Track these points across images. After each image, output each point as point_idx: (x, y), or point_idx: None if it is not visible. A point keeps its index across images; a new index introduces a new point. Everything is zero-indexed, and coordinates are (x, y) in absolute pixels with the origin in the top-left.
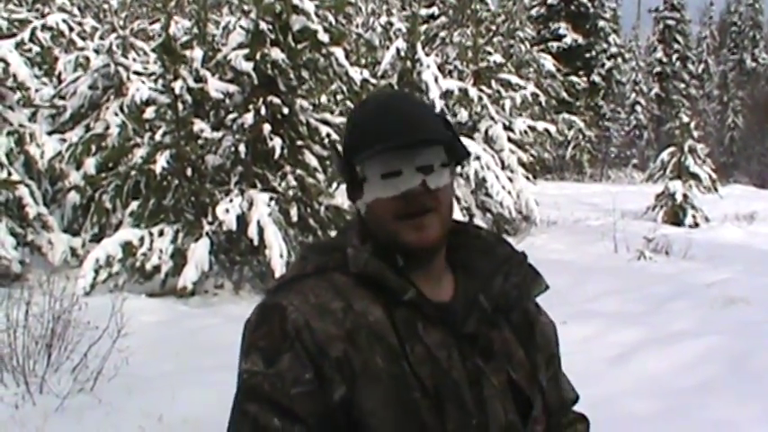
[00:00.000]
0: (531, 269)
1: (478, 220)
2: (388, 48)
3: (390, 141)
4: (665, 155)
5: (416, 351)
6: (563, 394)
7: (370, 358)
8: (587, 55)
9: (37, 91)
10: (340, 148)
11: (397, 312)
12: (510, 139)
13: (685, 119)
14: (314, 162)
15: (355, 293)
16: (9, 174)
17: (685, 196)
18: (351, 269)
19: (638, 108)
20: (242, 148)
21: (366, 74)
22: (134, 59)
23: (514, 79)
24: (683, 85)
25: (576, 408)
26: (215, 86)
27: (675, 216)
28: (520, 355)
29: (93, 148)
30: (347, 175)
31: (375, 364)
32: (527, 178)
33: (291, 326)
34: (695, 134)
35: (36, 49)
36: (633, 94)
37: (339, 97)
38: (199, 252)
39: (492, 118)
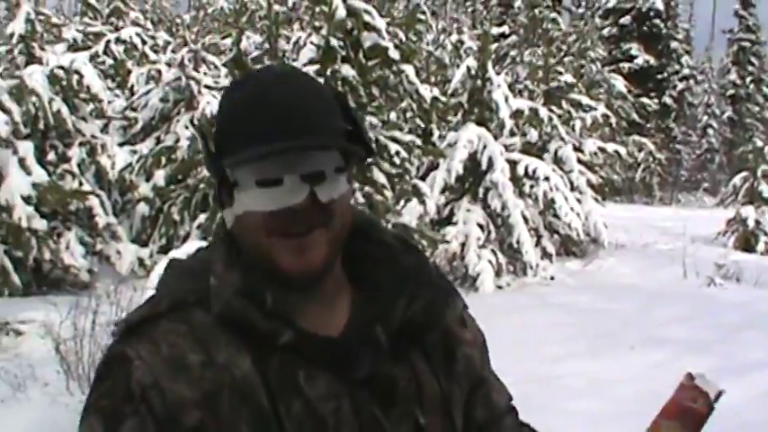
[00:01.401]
0: (443, 285)
1: (546, 242)
2: (458, 66)
3: (269, 143)
4: (737, 179)
5: (294, 410)
6: (494, 408)
7: (232, 426)
8: (659, 76)
9: (109, 103)
10: (206, 133)
11: (270, 361)
12: (579, 161)
13: (759, 143)
14: (382, 179)
15: (217, 340)
16: (80, 184)
17: (758, 222)
18: (212, 307)
19: (710, 131)
20: None
21: (436, 92)
22: (205, 73)
23: (585, 100)
24: (756, 108)
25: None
26: None
27: (747, 242)
28: (433, 390)
29: (163, 160)
30: (215, 173)
31: None
32: (596, 200)
33: (136, 385)
34: None
35: (109, 61)
36: (705, 117)
37: (409, 115)
38: None
39: (562, 138)
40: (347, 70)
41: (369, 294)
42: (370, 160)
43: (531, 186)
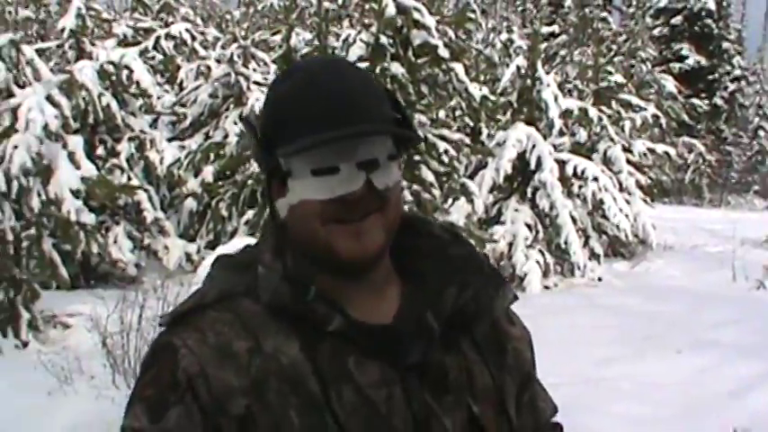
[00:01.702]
0: (494, 275)
1: (594, 243)
2: (507, 65)
3: (324, 131)
4: None
5: (345, 396)
6: (539, 415)
7: (281, 414)
8: (710, 77)
9: (159, 98)
10: (256, 125)
11: (320, 348)
12: (629, 161)
13: None
14: (430, 177)
15: (266, 328)
16: (129, 178)
17: None
18: (260, 296)
19: (762, 133)
20: None
21: (485, 90)
22: (254, 69)
23: (635, 100)
24: None
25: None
26: None
27: None
28: (484, 382)
29: (212, 155)
30: (265, 165)
31: (288, 421)
32: (645, 201)
33: (183, 373)
34: None
35: (159, 57)
36: (756, 119)
37: (458, 113)
38: None
39: (611, 139)
40: (396, 68)
41: (418, 285)
42: (418, 158)
43: (580, 187)
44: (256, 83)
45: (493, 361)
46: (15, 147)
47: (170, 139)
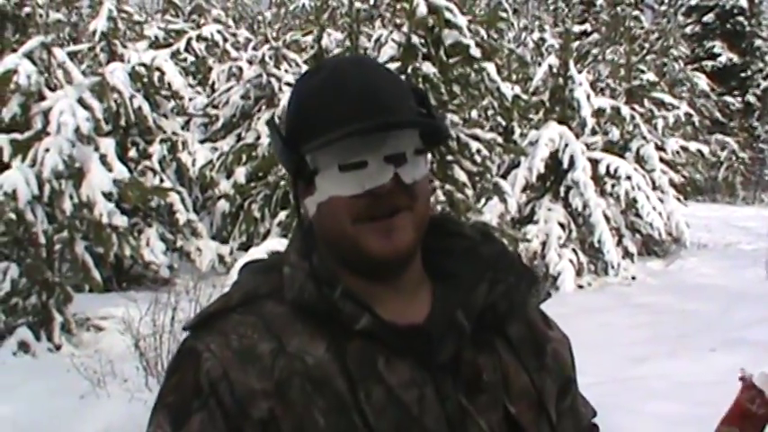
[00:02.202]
0: (526, 272)
1: (628, 241)
2: (539, 64)
3: (350, 125)
4: None
5: (375, 396)
6: (580, 420)
7: (305, 415)
8: (742, 75)
9: (191, 100)
10: (280, 124)
11: (348, 347)
12: (662, 159)
13: None
14: (463, 177)
15: (291, 328)
16: (161, 180)
17: None
18: (285, 296)
19: None
20: None
21: (518, 89)
22: (286, 71)
23: (668, 98)
24: None
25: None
26: None
27: None
28: (522, 382)
29: (244, 157)
30: (291, 164)
31: (312, 422)
32: (678, 200)
33: (206, 378)
34: None
35: (191, 58)
36: None
37: (490, 113)
38: None
39: (644, 137)
40: (428, 68)
41: (450, 285)
42: (451, 158)
43: (613, 185)
44: (288, 84)
45: (531, 362)
46: (47, 150)
47: (202, 141)
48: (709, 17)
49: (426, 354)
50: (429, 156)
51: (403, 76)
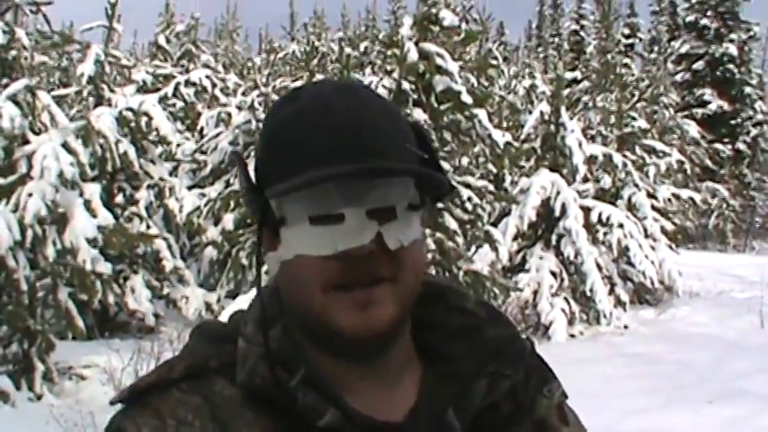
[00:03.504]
0: (539, 368)
1: (619, 290)
2: (530, 111)
3: (326, 167)
4: None
5: None
6: None
7: None
8: (732, 122)
9: (179, 145)
10: (250, 163)
11: None
12: (653, 207)
13: None
14: (453, 225)
15: (241, 418)
16: (148, 227)
17: None
18: (237, 376)
19: None
20: None
21: (509, 137)
22: None
23: (659, 146)
24: None
25: None
26: None
27: None
28: None
29: (232, 203)
30: (255, 209)
31: None
32: (670, 247)
33: None
34: None
35: (180, 104)
36: None
37: (481, 160)
38: None
39: (636, 185)
40: (419, 114)
41: (443, 373)
42: (441, 206)
43: (605, 233)
44: None
45: None
46: (30, 194)
47: (190, 187)
48: (699, 65)
49: None
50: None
51: None
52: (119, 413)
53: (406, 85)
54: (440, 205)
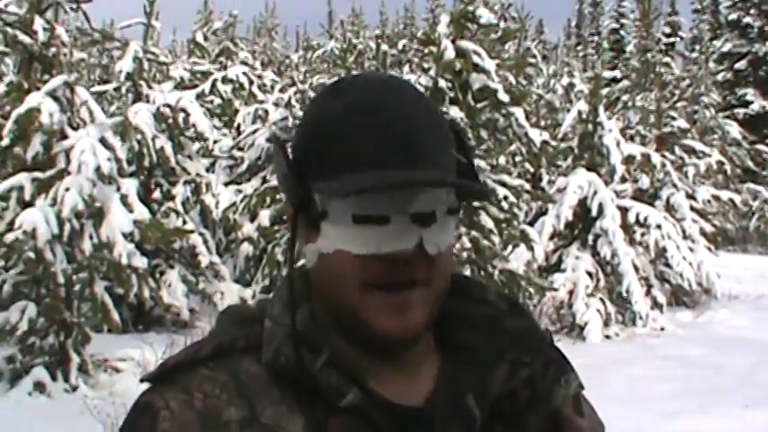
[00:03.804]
0: (557, 358)
1: (657, 291)
2: (568, 110)
3: (377, 171)
4: None
5: None
6: None
7: None
8: None
9: (216, 142)
10: (288, 147)
11: (332, 421)
12: (692, 208)
13: None
14: (489, 224)
15: (267, 394)
16: (184, 222)
17: None
18: (263, 355)
19: None
20: None
21: (546, 135)
22: None
23: (699, 146)
24: None
25: None
26: None
27: None
28: None
29: (268, 200)
30: (295, 197)
31: None
32: (708, 249)
33: None
34: None
35: (217, 100)
36: None
37: (518, 159)
38: None
39: (674, 185)
40: (455, 112)
41: (462, 361)
42: (477, 204)
43: (642, 234)
44: None
45: None
46: (68, 189)
47: (227, 184)
48: (741, 64)
49: None
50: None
51: None
52: (146, 390)
53: (442, 83)
54: (476, 204)
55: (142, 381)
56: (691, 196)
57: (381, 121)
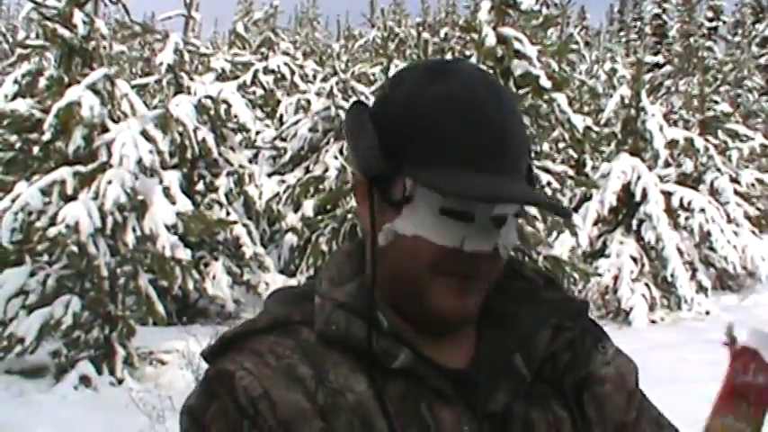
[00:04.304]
0: (593, 326)
1: (701, 275)
2: (611, 95)
3: (475, 168)
4: None
5: None
6: None
7: None
8: None
9: (258, 133)
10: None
11: (389, 386)
12: (736, 192)
13: None
14: (533, 210)
15: (328, 358)
16: (228, 213)
17: None
18: (315, 327)
19: None
20: None
21: (589, 121)
22: None
23: (742, 129)
24: None
25: None
26: None
27: None
28: None
29: (311, 190)
30: (378, 170)
31: None
32: (753, 233)
33: (244, 396)
34: None
35: (259, 91)
36: None
37: (561, 145)
38: None
39: (718, 169)
40: None
41: (503, 328)
42: None
43: (687, 218)
44: None
45: (580, 415)
46: (109, 182)
47: (270, 174)
48: None
49: (475, 401)
50: None
51: None
52: (213, 363)
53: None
54: None
55: (202, 355)
56: (734, 180)
57: (484, 119)
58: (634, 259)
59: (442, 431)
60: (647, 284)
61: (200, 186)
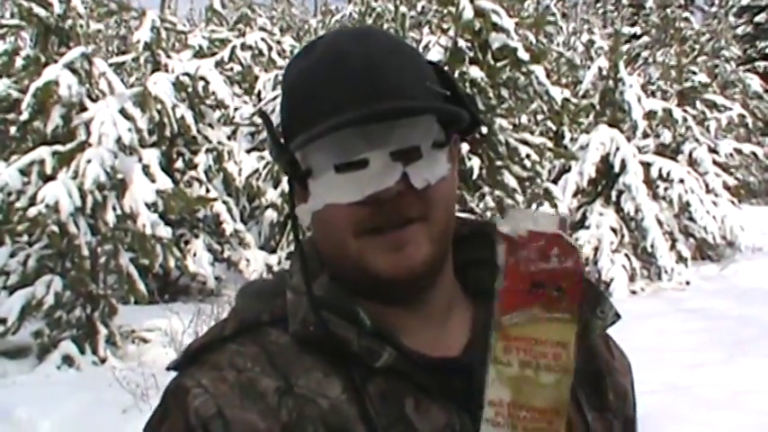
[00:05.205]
0: (591, 290)
1: (681, 246)
2: (589, 67)
3: (342, 113)
4: None
5: None
6: None
7: None
8: None
9: (236, 109)
10: (276, 119)
11: (368, 387)
12: (715, 162)
13: None
14: (513, 182)
15: (299, 364)
16: (207, 190)
17: None
18: (289, 326)
19: None
20: None
21: (567, 93)
22: None
23: (720, 100)
24: None
25: None
26: None
27: None
28: (579, 426)
29: None
30: (283, 164)
31: None
32: (732, 203)
33: (194, 416)
34: None
35: (237, 68)
36: None
37: (540, 117)
38: None
39: (696, 140)
40: (475, 72)
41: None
42: (500, 163)
43: (666, 189)
44: None
45: (593, 403)
46: (89, 161)
47: (249, 150)
48: (761, 17)
49: (465, 393)
50: (466, 147)
51: None
52: (175, 376)
53: (462, 43)
54: (499, 163)
55: (168, 369)
56: (713, 150)
57: (346, 68)
58: (614, 230)
59: (431, 430)
60: (627, 255)
61: (179, 164)
